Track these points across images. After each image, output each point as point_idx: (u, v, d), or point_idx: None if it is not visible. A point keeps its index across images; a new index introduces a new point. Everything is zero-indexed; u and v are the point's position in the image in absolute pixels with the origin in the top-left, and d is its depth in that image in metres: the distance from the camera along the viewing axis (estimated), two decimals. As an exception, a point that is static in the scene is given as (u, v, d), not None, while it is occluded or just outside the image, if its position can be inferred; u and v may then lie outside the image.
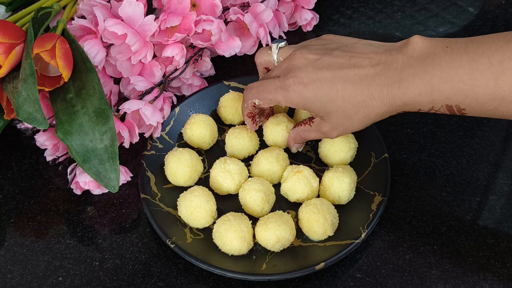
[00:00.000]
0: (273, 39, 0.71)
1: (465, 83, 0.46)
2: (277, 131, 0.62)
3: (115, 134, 0.57)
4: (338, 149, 0.60)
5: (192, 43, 0.67)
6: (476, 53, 0.45)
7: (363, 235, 0.53)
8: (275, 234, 0.53)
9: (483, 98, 0.46)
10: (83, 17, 0.64)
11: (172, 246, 0.54)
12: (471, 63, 0.45)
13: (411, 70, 0.48)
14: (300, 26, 0.78)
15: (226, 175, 0.58)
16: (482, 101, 0.46)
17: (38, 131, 0.63)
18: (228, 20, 0.67)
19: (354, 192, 0.58)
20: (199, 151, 0.64)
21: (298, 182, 0.57)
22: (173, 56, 0.62)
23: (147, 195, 0.58)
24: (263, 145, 0.64)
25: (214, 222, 0.56)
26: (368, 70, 0.50)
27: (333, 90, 0.51)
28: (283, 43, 0.58)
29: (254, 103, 0.57)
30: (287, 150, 0.63)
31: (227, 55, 0.65)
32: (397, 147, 0.64)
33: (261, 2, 0.69)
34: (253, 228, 0.55)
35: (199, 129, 0.63)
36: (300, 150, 0.63)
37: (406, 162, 0.62)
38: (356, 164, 0.61)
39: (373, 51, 0.51)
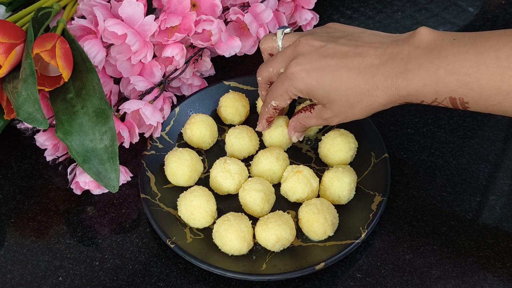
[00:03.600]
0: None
1: (471, 76, 0.46)
2: (274, 134, 0.62)
3: (115, 134, 0.57)
4: (338, 149, 0.60)
5: (192, 43, 0.67)
6: (483, 47, 0.45)
7: (363, 235, 0.53)
8: (275, 234, 0.53)
9: (487, 92, 0.46)
10: (83, 17, 0.64)
11: (172, 246, 0.54)
12: (478, 56, 0.45)
13: (417, 61, 0.48)
14: (300, 26, 0.78)
15: (226, 175, 0.58)
16: (487, 95, 0.46)
17: (38, 131, 0.63)
18: (228, 20, 0.67)
19: (354, 192, 0.58)
20: (199, 151, 0.64)
21: (298, 182, 0.57)
22: (173, 56, 0.62)
23: (147, 195, 0.58)
24: (263, 145, 0.64)
25: (214, 222, 0.56)
26: (374, 59, 0.50)
27: (337, 78, 0.51)
28: (288, 30, 0.57)
29: (273, 106, 0.58)
30: (287, 150, 0.63)
31: (227, 55, 0.65)
32: (397, 147, 0.64)
33: (261, 2, 0.69)
34: (253, 228, 0.55)
35: (199, 129, 0.63)
36: (300, 140, 0.63)
37: (406, 162, 0.62)
38: (356, 164, 0.61)
39: (379, 41, 0.51)
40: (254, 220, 0.57)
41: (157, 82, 0.64)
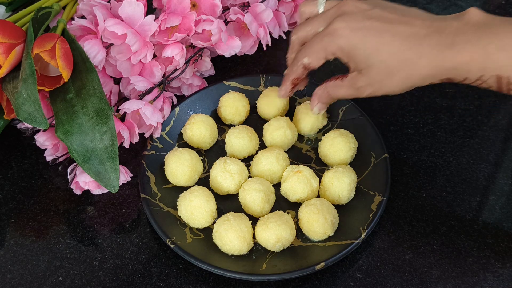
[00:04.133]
0: (273, 39, 0.71)
1: None
2: (276, 135, 0.62)
3: (115, 134, 0.57)
4: (338, 149, 0.60)
5: (192, 43, 0.67)
6: None
7: (363, 235, 0.53)
8: (275, 234, 0.53)
9: None
10: (83, 17, 0.64)
11: (172, 246, 0.54)
12: None
13: (465, 36, 0.46)
14: (300, 26, 0.78)
15: (226, 175, 0.58)
16: None
17: (38, 131, 0.63)
18: (228, 20, 0.67)
19: (354, 192, 0.58)
20: (199, 151, 0.64)
21: (298, 182, 0.57)
22: (173, 56, 0.62)
23: (147, 195, 0.58)
24: (263, 145, 0.64)
25: (214, 222, 0.56)
26: (420, 29, 0.48)
27: (380, 41, 0.49)
28: None
29: (304, 64, 0.54)
30: (287, 150, 0.63)
31: (227, 55, 0.65)
32: (397, 147, 0.64)
33: (261, 2, 0.69)
34: (253, 228, 0.55)
35: (199, 129, 0.63)
36: (321, 113, 0.59)
37: (406, 162, 0.62)
38: (356, 164, 0.61)
39: (426, 15, 0.50)
40: (254, 220, 0.57)
41: (157, 82, 0.64)
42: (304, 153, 0.64)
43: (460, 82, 0.48)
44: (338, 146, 0.60)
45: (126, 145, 0.60)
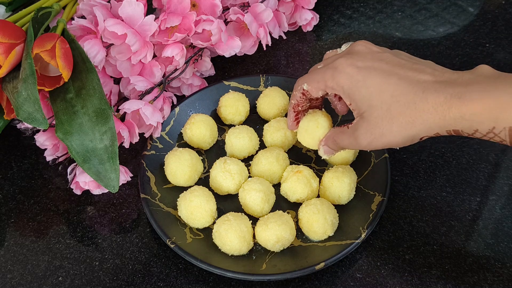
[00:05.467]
0: (273, 39, 0.71)
1: None
2: (277, 136, 0.62)
3: (115, 134, 0.57)
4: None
5: (192, 43, 0.67)
6: None
7: (363, 235, 0.53)
8: (275, 234, 0.53)
9: None
10: (83, 17, 0.64)
11: (172, 246, 0.54)
12: None
13: (478, 86, 0.44)
14: (300, 26, 0.78)
15: (226, 175, 0.58)
16: None
17: (38, 131, 0.63)
18: (228, 20, 0.67)
19: (354, 192, 0.58)
20: (199, 151, 0.64)
21: (298, 182, 0.57)
22: (173, 56, 0.62)
23: (147, 195, 0.58)
24: (263, 145, 0.64)
25: (214, 222, 0.56)
26: (429, 77, 0.46)
27: (385, 82, 0.47)
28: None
29: (303, 90, 0.52)
30: (287, 150, 0.63)
31: (227, 55, 0.65)
32: (397, 147, 0.64)
33: (261, 2, 0.69)
34: (253, 228, 0.55)
35: (199, 129, 0.63)
36: (326, 158, 0.59)
37: (406, 162, 0.62)
38: (356, 164, 0.61)
39: (439, 67, 0.48)
40: (254, 220, 0.57)
41: (157, 82, 0.64)
42: (304, 153, 0.64)
43: (469, 136, 0.45)
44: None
45: (126, 145, 0.60)
